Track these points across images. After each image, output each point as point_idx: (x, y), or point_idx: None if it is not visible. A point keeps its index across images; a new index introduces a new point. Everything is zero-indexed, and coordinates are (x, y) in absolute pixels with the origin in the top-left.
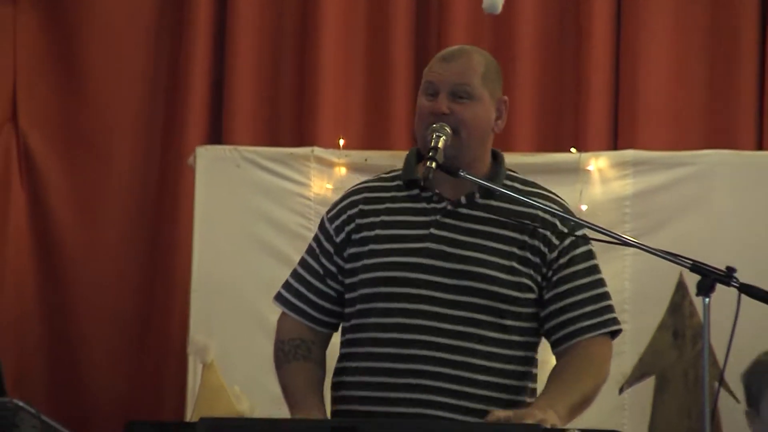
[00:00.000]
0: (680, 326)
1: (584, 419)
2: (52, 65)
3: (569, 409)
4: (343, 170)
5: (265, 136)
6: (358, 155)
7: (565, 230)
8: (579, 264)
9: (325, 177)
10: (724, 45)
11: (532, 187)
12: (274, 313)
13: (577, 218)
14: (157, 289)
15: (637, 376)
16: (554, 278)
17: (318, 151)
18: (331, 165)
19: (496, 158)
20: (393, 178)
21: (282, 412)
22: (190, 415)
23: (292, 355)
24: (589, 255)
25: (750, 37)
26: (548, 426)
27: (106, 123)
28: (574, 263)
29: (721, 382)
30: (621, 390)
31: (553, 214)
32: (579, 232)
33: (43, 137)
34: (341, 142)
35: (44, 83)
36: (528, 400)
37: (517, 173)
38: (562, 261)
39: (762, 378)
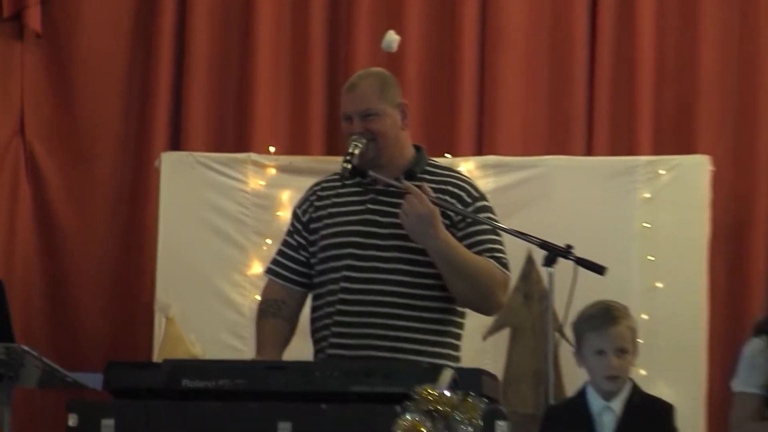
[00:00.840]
0: (529, 290)
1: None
2: (51, 90)
3: (454, 248)
4: (273, 171)
5: (214, 144)
6: (285, 159)
7: (470, 201)
8: (480, 224)
9: (259, 176)
10: (561, 73)
11: (449, 170)
12: (220, 279)
13: (473, 192)
14: (131, 262)
15: (496, 327)
16: (459, 234)
17: (254, 156)
18: (263, 167)
19: (419, 151)
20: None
21: (226, 355)
22: (156, 356)
23: (264, 313)
24: (489, 218)
25: (580, 66)
26: (425, 201)
27: (92, 134)
28: (475, 224)
29: (561, 332)
30: (484, 338)
31: (461, 188)
32: (479, 204)
33: (44, 146)
34: (272, 149)
35: (45, 104)
36: (455, 342)
37: (437, 162)
38: (468, 220)
39: (582, 326)
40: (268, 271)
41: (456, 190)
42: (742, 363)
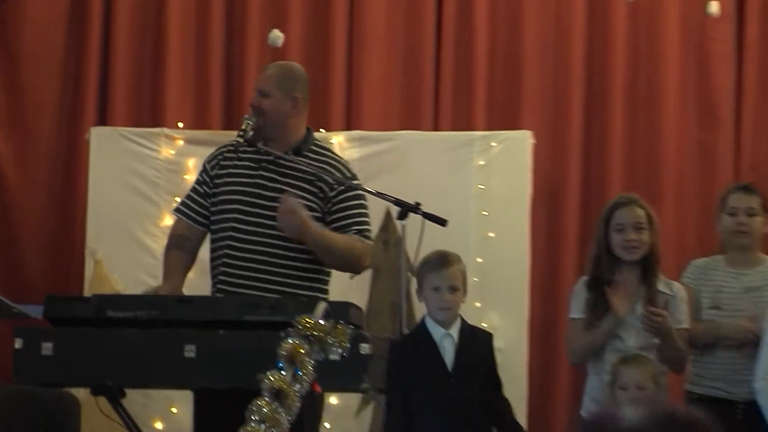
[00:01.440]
0: (387, 238)
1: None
2: (1, 76)
3: (324, 237)
4: (181, 142)
5: (133, 120)
6: (190, 132)
7: (341, 178)
8: (350, 201)
9: (170, 146)
10: (413, 63)
11: (328, 151)
12: (139, 230)
13: (345, 172)
14: (67, 215)
15: None
16: (332, 208)
17: (166, 130)
18: (173, 139)
19: (309, 132)
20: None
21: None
22: (87, 292)
23: (171, 246)
24: (357, 195)
25: (428, 57)
26: (301, 219)
27: (36, 112)
28: (347, 200)
29: (412, 272)
30: (351, 277)
31: (338, 168)
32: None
33: None
34: (180, 124)
35: None
36: (323, 287)
37: (321, 143)
38: (339, 197)
39: (423, 268)
40: (176, 210)
41: (332, 170)
42: (571, 297)
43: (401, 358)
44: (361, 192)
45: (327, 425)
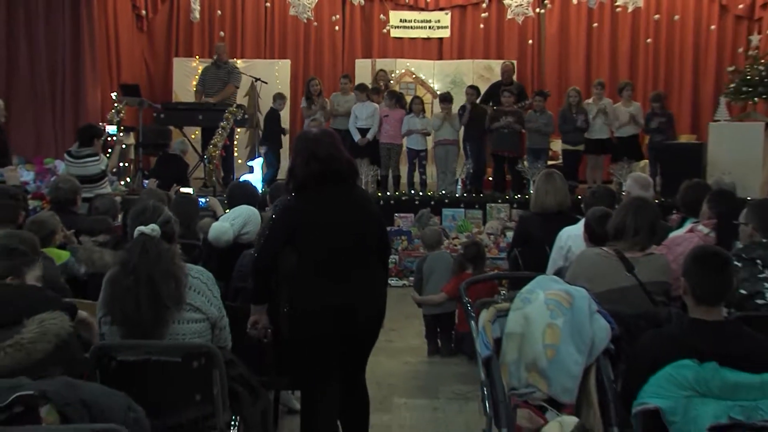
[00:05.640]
0: (254, 86)
1: None
2: (148, 42)
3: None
4: (199, 61)
5: (184, 54)
6: (202, 59)
7: (233, 67)
8: (234, 72)
9: (196, 63)
10: (259, 25)
11: (230, 62)
12: (187, 86)
13: (234, 65)
14: (167, 83)
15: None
16: (230, 74)
17: (193, 59)
18: (196, 61)
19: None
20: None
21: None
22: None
23: (198, 93)
24: (237, 71)
25: (261, 26)
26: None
27: (159, 53)
28: (233, 73)
29: (259, 96)
30: (243, 97)
31: (231, 65)
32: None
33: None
34: (197, 56)
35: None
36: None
37: (229, 60)
38: (231, 72)
39: (274, 101)
40: (196, 90)
41: (232, 65)
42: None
43: (272, 114)
44: (238, 69)
45: (237, 136)
